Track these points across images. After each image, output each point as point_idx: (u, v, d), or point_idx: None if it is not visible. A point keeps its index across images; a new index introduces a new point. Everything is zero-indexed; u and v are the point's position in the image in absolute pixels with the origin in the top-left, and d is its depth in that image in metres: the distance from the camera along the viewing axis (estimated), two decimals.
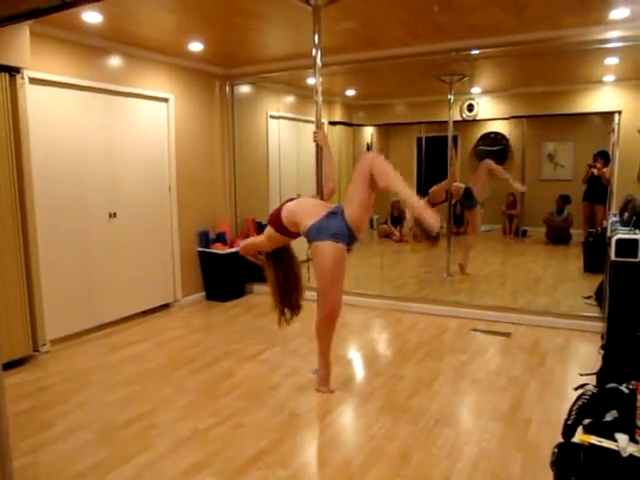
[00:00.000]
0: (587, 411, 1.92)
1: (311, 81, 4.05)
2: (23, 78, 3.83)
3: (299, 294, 3.45)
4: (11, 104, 3.75)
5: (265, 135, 6.51)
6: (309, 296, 3.51)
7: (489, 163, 6.37)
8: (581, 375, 3.12)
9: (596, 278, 5.16)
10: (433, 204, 6.57)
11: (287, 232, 3.30)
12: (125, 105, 4.82)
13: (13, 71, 3.74)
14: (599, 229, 5.99)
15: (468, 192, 6.33)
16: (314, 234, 3.11)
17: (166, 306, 5.41)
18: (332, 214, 3.12)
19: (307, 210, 3.20)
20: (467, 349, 4.09)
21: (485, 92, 7.02)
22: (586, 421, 1.90)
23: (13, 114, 3.77)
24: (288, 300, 3.41)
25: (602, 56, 5.07)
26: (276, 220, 3.29)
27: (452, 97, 6.13)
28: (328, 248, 3.07)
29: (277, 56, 5.27)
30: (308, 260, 3.42)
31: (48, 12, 2.40)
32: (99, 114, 4.58)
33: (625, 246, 3.39)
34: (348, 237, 3.09)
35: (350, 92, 7.23)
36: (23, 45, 3.73)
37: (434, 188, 6.50)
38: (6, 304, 3.74)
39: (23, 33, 3.72)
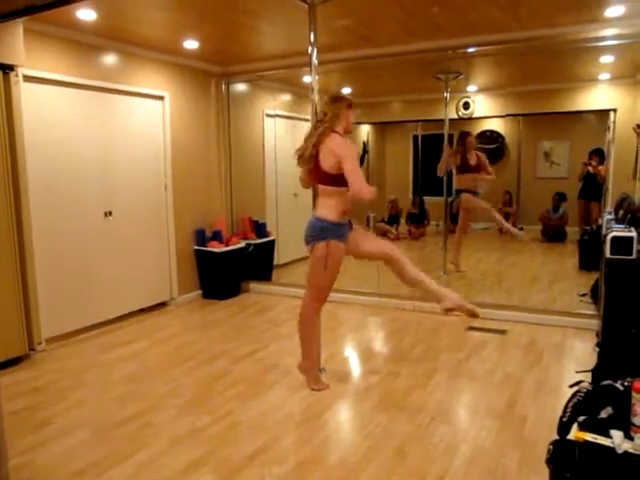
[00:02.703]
0: (582, 408, 1.93)
1: (307, 79, 4.04)
2: (17, 76, 3.81)
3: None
4: (5, 102, 3.73)
5: (261, 133, 6.50)
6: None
7: (496, 216, 6.24)
8: (577, 372, 3.12)
9: (591, 275, 5.18)
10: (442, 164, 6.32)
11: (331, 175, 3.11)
12: (120, 103, 4.80)
13: (7, 69, 3.71)
14: (594, 227, 6.01)
15: (457, 192, 6.29)
16: (333, 230, 3.16)
17: (162, 304, 5.40)
18: (348, 224, 3.25)
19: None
20: (463, 347, 4.09)
21: (481, 90, 7.03)
22: (581, 418, 1.91)
23: (7, 112, 3.75)
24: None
25: (597, 54, 5.08)
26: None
27: (448, 95, 6.12)
28: (341, 250, 3.21)
29: (273, 54, 5.25)
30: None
31: (42, 9, 2.40)
32: (94, 112, 4.56)
33: (620, 244, 3.40)
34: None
35: (346, 90, 7.21)
36: (17, 42, 3.71)
37: (449, 159, 6.24)
38: (1, 303, 3.73)
39: (17, 30, 3.70)
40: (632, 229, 3.48)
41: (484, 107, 7.09)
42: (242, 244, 5.86)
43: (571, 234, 6.96)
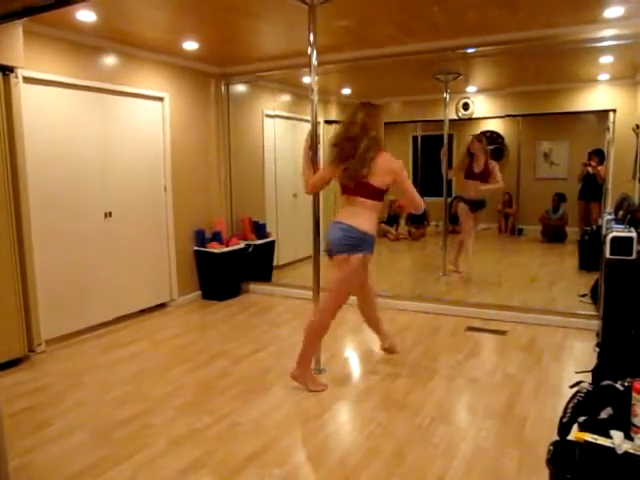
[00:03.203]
0: (582, 409, 1.92)
1: (307, 80, 4.04)
2: (17, 77, 3.81)
3: None
4: (5, 103, 3.73)
5: (261, 134, 6.50)
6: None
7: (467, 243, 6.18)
8: (577, 373, 3.12)
9: (591, 276, 5.18)
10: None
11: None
12: (120, 104, 4.80)
13: (7, 70, 3.71)
14: (594, 227, 6.01)
15: (457, 198, 6.29)
16: (370, 243, 3.20)
17: (162, 305, 5.40)
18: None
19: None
20: (463, 347, 4.09)
21: (480, 91, 7.03)
22: (581, 419, 1.90)
23: (7, 114, 3.75)
24: None
25: (597, 54, 5.09)
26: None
27: (447, 96, 6.13)
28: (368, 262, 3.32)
29: (273, 55, 5.26)
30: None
31: (41, 10, 2.40)
32: (94, 113, 4.56)
33: (620, 244, 3.40)
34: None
35: (346, 91, 7.23)
36: (16, 44, 3.71)
37: (444, 157, 6.25)
38: (1, 304, 3.72)
39: (16, 32, 3.70)
40: (632, 229, 3.48)
41: (483, 108, 7.09)
42: (242, 245, 5.86)
43: (571, 234, 6.96)
